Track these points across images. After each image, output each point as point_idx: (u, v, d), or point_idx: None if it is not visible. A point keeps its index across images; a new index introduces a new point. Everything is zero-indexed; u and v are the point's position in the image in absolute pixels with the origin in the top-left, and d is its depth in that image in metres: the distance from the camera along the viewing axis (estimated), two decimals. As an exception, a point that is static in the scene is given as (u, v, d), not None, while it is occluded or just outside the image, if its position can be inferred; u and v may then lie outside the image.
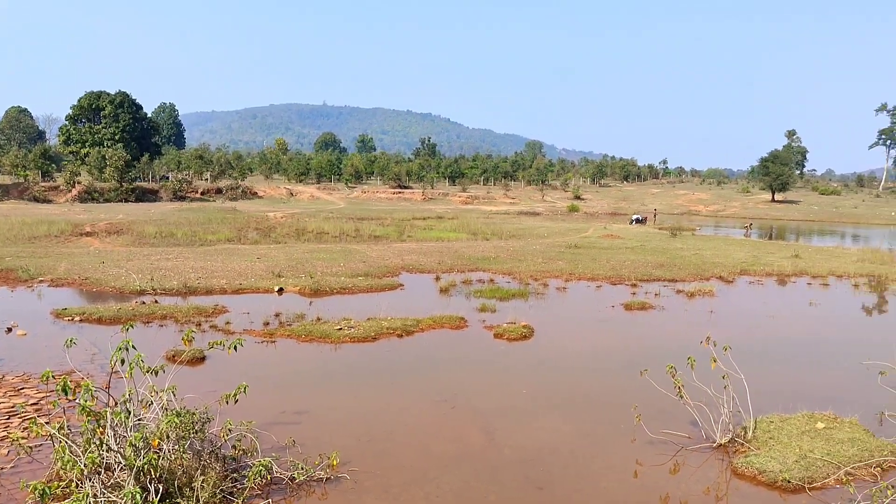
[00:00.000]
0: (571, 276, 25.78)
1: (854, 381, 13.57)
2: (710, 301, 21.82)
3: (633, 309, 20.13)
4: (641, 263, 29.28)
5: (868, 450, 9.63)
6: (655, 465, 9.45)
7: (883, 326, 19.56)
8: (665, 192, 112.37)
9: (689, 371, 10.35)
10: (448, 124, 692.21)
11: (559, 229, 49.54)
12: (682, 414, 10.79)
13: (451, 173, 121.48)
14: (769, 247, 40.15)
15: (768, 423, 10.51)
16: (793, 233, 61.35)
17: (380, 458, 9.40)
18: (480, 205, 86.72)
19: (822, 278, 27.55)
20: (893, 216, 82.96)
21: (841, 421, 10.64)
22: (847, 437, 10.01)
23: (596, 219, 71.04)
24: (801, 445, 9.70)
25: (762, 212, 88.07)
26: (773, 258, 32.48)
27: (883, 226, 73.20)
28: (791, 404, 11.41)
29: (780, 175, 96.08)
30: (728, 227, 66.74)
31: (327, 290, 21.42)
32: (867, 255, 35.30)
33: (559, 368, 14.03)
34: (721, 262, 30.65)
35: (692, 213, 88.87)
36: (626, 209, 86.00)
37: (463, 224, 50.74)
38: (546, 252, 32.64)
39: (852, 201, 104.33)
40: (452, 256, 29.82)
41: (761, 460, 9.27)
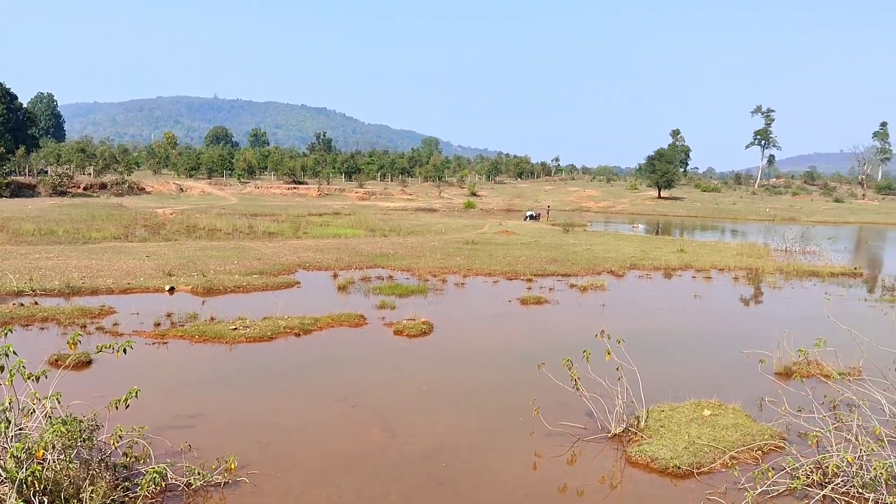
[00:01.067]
0: (469, 271, 26.04)
1: (736, 369, 14.29)
2: (602, 295, 22.51)
3: (529, 303, 20.52)
4: (536, 259, 29.90)
5: (750, 434, 10.17)
6: (553, 456, 9.66)
7: (760, 317, 20.68)
8: (557, 189, 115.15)
9: (585, 364, 10.64)
10: (344, 119, 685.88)
11: (456, 226, 49.96)
12: (578, 406, 11.08)
13: (348, 169, 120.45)
14: (656, 242, 41.82)
15: (659, 412, 10.94)
16: (678, 228, 64.07)
17: (279, 460, 9.21)
18: (378, 201, 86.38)
19: (705, 272, 28.93)
20: (768, 212, 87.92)
21: (725, 408, 11.19)
22: (731, 423, 10.53)
23: (492, 215, 72.05)
24: (690, 432, 10.14)
25: (649, 208, 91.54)
26: (660, 253, 33.86)
27: (758, 221, 77.41)
28: (680, 393, 11.92)
29: (665, 173, 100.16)
30: (617, 223, 69.02)
31: (221, 289, 20.82)
32: (745, 249, 37.28)
33: (459, 364, 14.13)
34: (611, 256, 31.68)
35: (583, 209, 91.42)
36: (521, 206, 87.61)
37: (360, 220, 50.38)
38: (444, 248, 32.85)
39: (731, 198, 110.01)
40: (350, 253, 29.57)
41: (653, 448, 9.63)
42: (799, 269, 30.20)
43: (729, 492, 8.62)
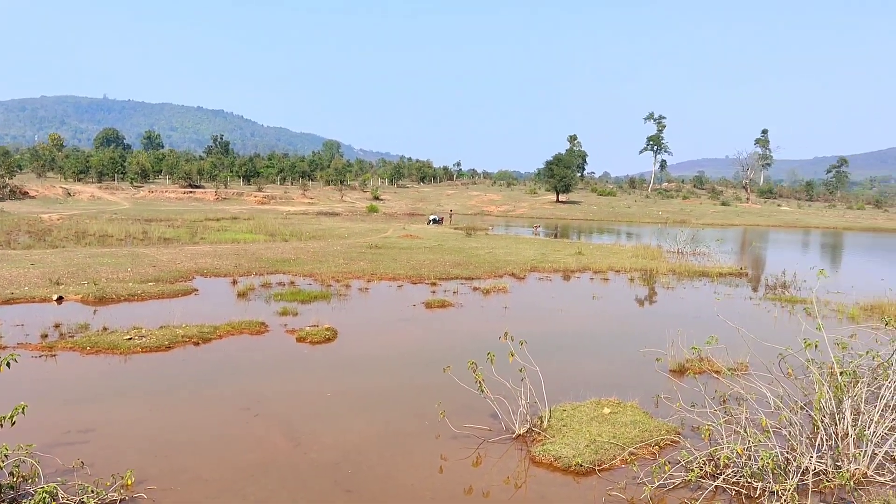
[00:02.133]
0: (373, 276, 25.94)
1: (634, 367, 14.77)
2: (505, 297, 22.85)
3: (434, 307, 20.62)
4: (440, 262, 30.08)
5: (648, 430, 10.54)
6: (459, 458, 9.73)
7: (655, 316, 21.45)
8: (460, 194, 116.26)
9: (489, 366, 10.78)
10: (242, 122, 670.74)
11: (359, 230, 49.68)
12: (483, 408, 11.20)
13: (246, 172, 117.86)
14: (555, 245, 42.80)
15: (561, 412, 11.19)
16: (576, 231, 65.76)
17: (179, 474, 8.91)
18: (278, 205, 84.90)
19: (602, 273, 29.81)
20: (660, 215, 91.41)
21: (624, 405, 11.56)
22: (630, 420, 10.88)
23: (395, 219, 72.04)
24: (591, 430, 10.42)
25: (548, 212, 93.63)
26: (560, 255, 34.69)
27: (652, 224, 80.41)
28: (581, 392, 12.24)
29: (563, 177, 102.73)
30: (518, 226, 70.23)
31: (114, 298, 19.98)
32: (640, 251, 38.65)
33: (364, 369, 14.05)
34: (513, 259, 32.23)
35: (485, 213, 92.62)
36: (424, 209, 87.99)
37: (260, 225, 49.41)
38: (347, 253, 32.61)
39: (626, 202, 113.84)
40: (250, 259, 28.94)
41: (556, 447, 9.84)
42: (690, 270, 31.55)
43: (629, 487, 8.90)
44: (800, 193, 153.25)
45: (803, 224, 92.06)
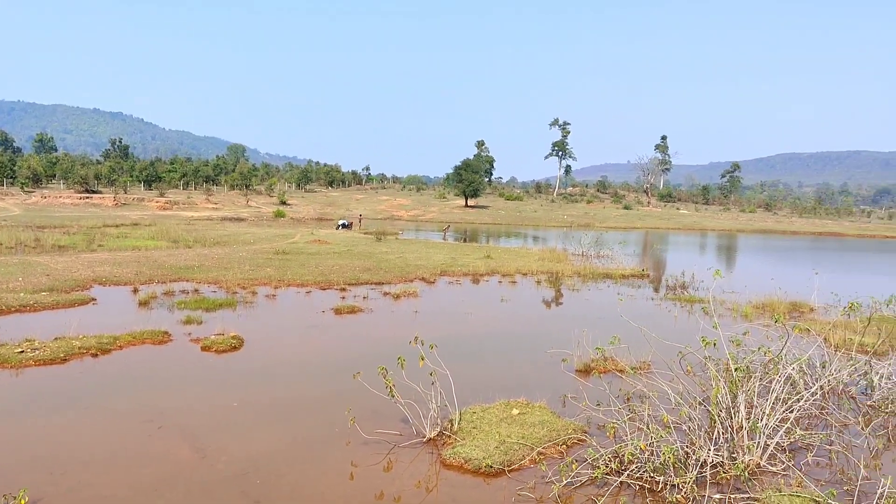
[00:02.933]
0: (281, 282, 25.52)
1: (542, 368, 15.03)
2: (415, 302, 22.90)
3: (343, 313, 20.45)
4: (349, 268, 29.87)
5: (556, 430, 10.76)
6: (370, 464, 9.68)
7: (562, 317, 21.91)
8: (369, 198, 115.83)
9: (400, 370, 10.77)
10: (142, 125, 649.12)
11: (266, 235, 48.78)
12: (394, 413, 11.19)
13: (147, 177, 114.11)
14: (465, 249, 43.17)
15: (472, 414, 11.29)
16: (484, 235, 66.50)
17: (77, 491, 8.53)
18: (181, 210, 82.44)
19: (510, 276, 30.27)
20: (566, 219, 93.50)
21: (532, 406, 11.76)
22: (538, 420, 11.08)
23: (303, 224, 71.12)
24: (500, 432, 10.55)
25: (457, 216, 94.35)
26: (469, 259, 35.00)
27: (557, 227, 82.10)
28: (490, 394, 12.38)
29: (471, 182, 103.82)
30: (428, 230, 70.49)
31: (3, 309, 18.94)
32: (546, 254, 39.42)
33: (272, 377, 13.80)
34: (423, 264, 32.32)
35: (394, 217, 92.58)
36: (332, 214, 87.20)
37: (162, 231, 47.80)
38: (253, 259, 31.97)
39: (533, 206, 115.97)
40: (152, 266, 27.99)
41: (466, 450, 9.92)
42: (594, 272, 32.39)
43: (538, 486, 9.06)
44: (697, 197, 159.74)
45: (700, 227, 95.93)
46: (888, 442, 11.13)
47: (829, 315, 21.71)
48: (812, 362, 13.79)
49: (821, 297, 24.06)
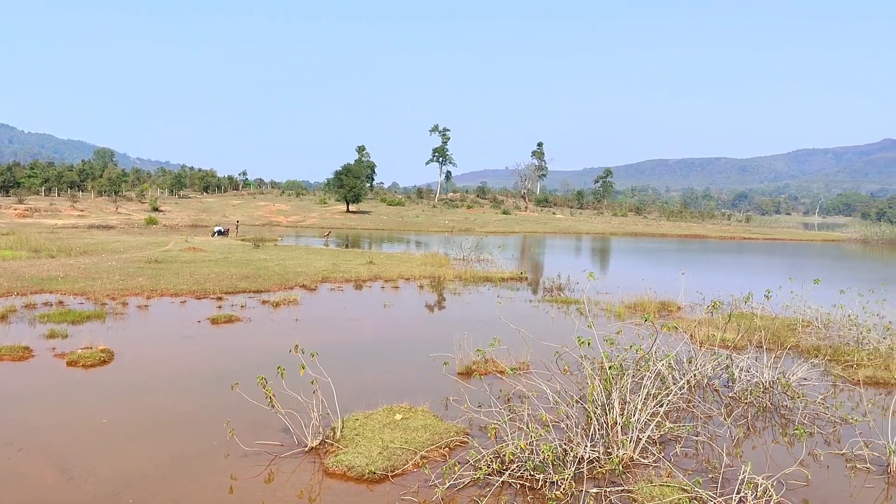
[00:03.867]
0: (153, 292, 24.48)
1: (424, 372, 15.10)
2: (296, 309, 22.52)
3: (220, 323, 19.86)
4: (226, 276, 29.03)
5: (438, 433, 10.83)
6: (250, 477, 9.44)
7: (444, 321, 22.12)
8: (246, 204, 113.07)
9: (280, 380, 10.56)
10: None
11: (137, 243, 46.70)
12: (275, 423, 10.96)
13: (5, 183, 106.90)
14: (347, 255, 42.85)
15: (354, 421, 11.21)
16: (367, 241, 66.24)
17: (-76, 524, 7.87)
18: (43, 218, 77.72)
19: (393, 282, 30.29)
20: (447, 224, 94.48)
21: (415, 410, 11.79)
22: (421, 425, 11.13)
23: (176, 231, 68.59)
24: (384, 437, 10.53)
25: (339, 222, 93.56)
26: (351, 265, 34.78)
27: (439, 233, 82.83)
28: (373, 400, 12.33)
29: (353, 187, 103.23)
30: (308, 236, 69.52)
31: None
32: (428, 259, 39.70)
33: (144, 391, 13.20)
34: (303, 270, 31.84)
35: (273, 224, 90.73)
36: (208, 221, 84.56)
37: (21, 240, 44.84)
38: (124, 268, 30.52)
39: (415, 211, 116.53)
40: (10, 278, 26.21)
41: (349, 457, 9.84)
42: (475, 276, 32.88)
43: (421, 490, 9.09)
44: (572, 202, 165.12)
45: (576, 230, 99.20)
46: (748, 430, 11.86)
47: (695, 313, 22.95)
48: (679, 358, 14.52)
49: (687, 297, 25.41)
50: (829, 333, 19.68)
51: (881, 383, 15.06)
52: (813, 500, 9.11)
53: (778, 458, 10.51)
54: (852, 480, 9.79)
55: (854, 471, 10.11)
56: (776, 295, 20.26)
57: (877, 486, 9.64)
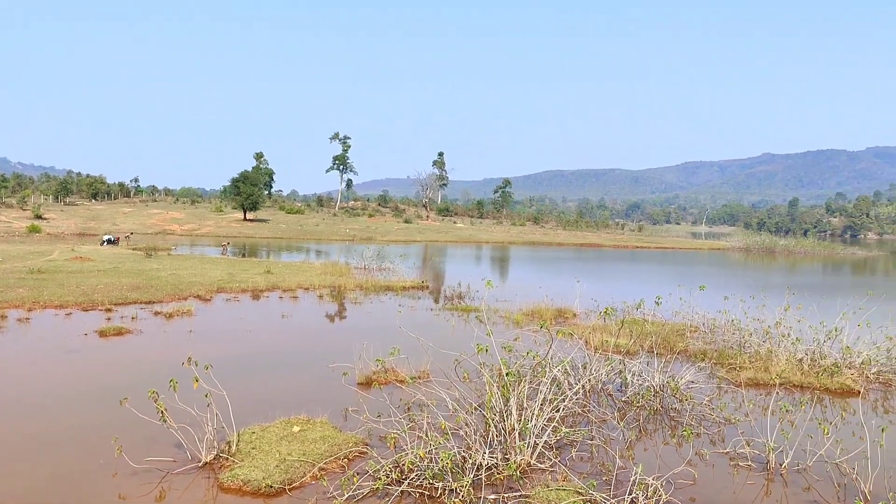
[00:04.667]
0: (35, 304, 23.22)
1: (323, 383, 14.92)
2: (190, 321, 21.84)
3: (109, 335, 19.03)
4: (116, 286, 27.86)
5: (337, 444, 10.72)
6: (141, 495, 9.07)
7: (344, 331, 21.94)
8: (138, 212, 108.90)
9: (173, 394, 10.21)
10: None
11: (18, 252, 44.21)
12: (167, 438, 10.59)
13: None
14: (244, 264, 41.88)
15: (250, 434, 10.95)
16: (265, 249, 64.95)
17: None
18: (-89, 226, 72.61)
19: (291, 291, 29.82)
20: (348, 232, 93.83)
21: (314, 422, 11.63)
22: (319, 436, 10.98)
23: (62, 240, 65.39)
24: (281, 450, 10.33)
25: (236, 230, 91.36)
26: (248, 275, 34.02)
27: (340, 241, 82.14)
28: (271, 413, 12.09)
29: (250, 195, 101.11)
30: (204, 245, 67.60)
31: None
32: (329, 268, 39.30)
33: (26, 409, 12.49)
34: (198, 281, 30.93)
35: (167, 232, 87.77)
36: (97, 229, 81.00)
37: None
38: (3, 279, 28.82)
39: (315, 220, 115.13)
40: None
41: (245, 471, 9.60)
42: (376, 285, 32.78)
43: (319, 502, 8.97)
44: (472, 211, 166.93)
45: (476, 239, 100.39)
46: (640, 433, 12.28)
47: (590, 319, 23.61)
48: (575, 364, 14.92)
49: (582, 304, 26.11)
50: (715, 338, 20.65)
51: (761, 384, 15.89)
52: (699, 497, 9.51)
53: (667, 458, 10.92)
54: (735, 477, 10.28)
55: (737, 468, 10.63)
56: (666, 301, 21.03)
57: (757, 482, 10.16)
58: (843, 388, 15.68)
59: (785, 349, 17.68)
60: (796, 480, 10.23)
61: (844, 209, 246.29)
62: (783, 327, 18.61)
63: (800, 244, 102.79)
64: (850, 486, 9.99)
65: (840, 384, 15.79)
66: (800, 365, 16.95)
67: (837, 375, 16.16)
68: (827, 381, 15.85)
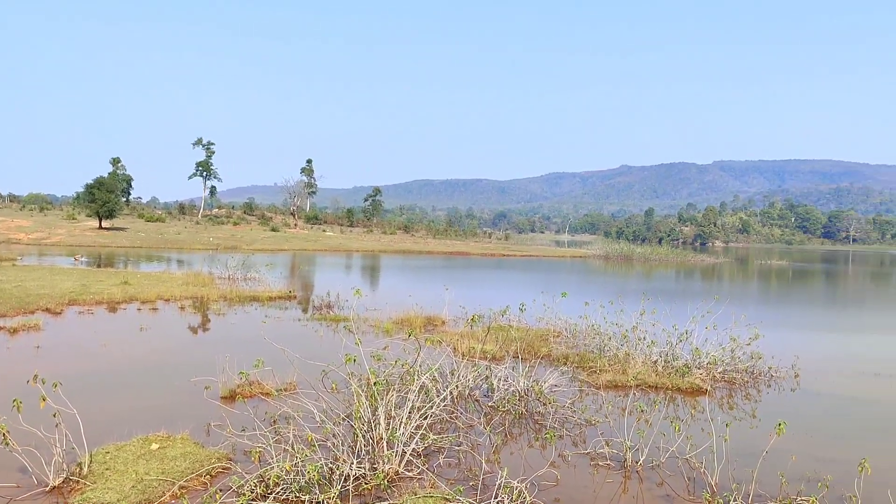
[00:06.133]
0: None
1: (185, 398, 14.35)
2: (37, 335, 20.45)
3: (-56, 353, 17.52)
4: (-48, 300, 25.71)
5: (199, 461, 10.34)
6: (-21, 526, 8.41)
7: (207, 343, 21.20)
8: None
9: (16, 414, 9.53)
10: None
11: None
12: (10, 462, 9.87)
13: None
14: (99, 274, 39.66)
15: (104, 454, 10.37)
16: (122, 259, 61.81)
17: None
18: None
19: (151, 303, 28.53)
20: (211, 241, 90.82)
21: (174, 438, 11.17)
22: (180, 453, 10.56)
23: None
24: (138, 470, 9.85)
25: (90, 239, 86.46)
26: (103, 286, 32.25)
27: (203, 250, 79.31)
28: (127, 431, 11.50)
29: (106, 202, 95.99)
30: (54, 255, 63.54)
31: None
32: (191, 278, 37.84)
33: None
34: (47, 293, 29.02)
35: (12, 241, 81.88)
36: (-70, 238, 74.51)
37: None
38: None
39: (176, 228, 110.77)
40: None
41: (98, 494, 9.09)
42: (241, 296, 31.89)
43: (179, 522, 8.62)
44: (342, 220, 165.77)
45: (346, 248, 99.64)
46: (506, 437, 12.56)
47: (458, 326, 23.95)
48: (443, 370, 15.08)
49: (451, 311, 26.46)
50: (577, 342, 21.45)
51: (619, 386, 16.64)
52: (562, 497, 9.84)
53: (532, 461, 11.23)
54: (595, 477, 10.70)
55: (597, 468, 11.07)
56: (531, 308, 21.70)
57: (615, 479, 10.62)
58: (693, 388, 16.67)
59: (641, 352, 18.62)
60: (651, 476, 10.77)
61: (694, 219, 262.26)
62: (639, 331, 19.57)
63: (655, 252, 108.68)
64: (698, 480, 10.63)
65: (690, 384, 16.79)
66: (654, 367, 17.89)
67: (688, 376, 17.16)
68: (679, 382, 16.81)
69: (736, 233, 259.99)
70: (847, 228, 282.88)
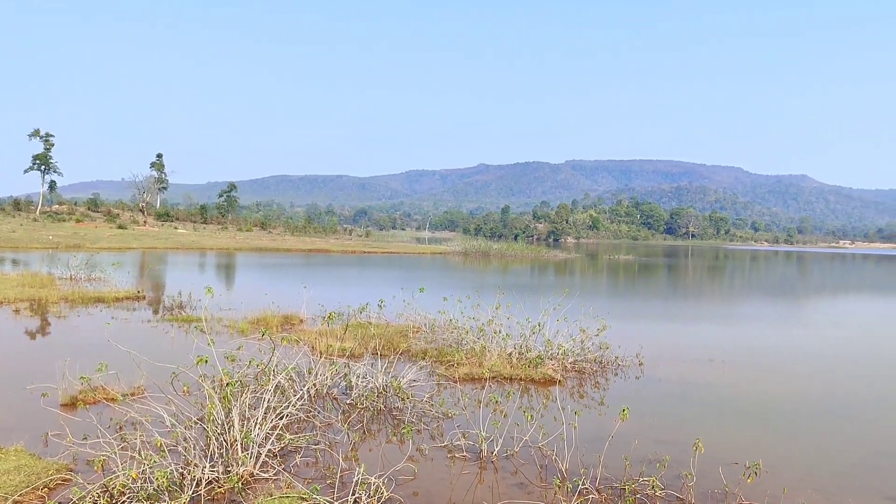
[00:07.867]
0: None
1: (20, 407, 13.39)
2: None
3: None
4: None
5: (35, 473, 9.69)
6: None
7: (46, 348, 19.87)
8: None
9: None
10: None
11: None
12: None
13: None
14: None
15: (-75, 472, 9.52)
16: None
17: None
18: None
19: (-19, 306, 26.39)
20: (51, 239, 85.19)
21: (6, 451, 10.41)
22: (13, 466, 9.85)
23: None
24: (-35, 487, 9.12)
25: None
26: (-75, 289, 29.52)
27: (42, 249, 74.25)
28: (-49, 445, 10.60)
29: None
30: None
31: None
32: (27, 279, 35.35)
33: None
34: None
35: None
36: None
37: None
38: None
39: (11, 226, 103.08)
40: None
41: (-82, 515, 8.35)
42: (85, 297, 30.11)
43: (12, 540, 8.05)
44: (195, 216, 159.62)
45: (199, 246, 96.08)
46: (364, 434, 12.56)
47: (317, 325, 23.68)
48: (300, 369, 14.89)
49: (310, 310, 26.12)
50: (435, 337, 21.73)
51: (476, 379, 17.02)
52: (420, 491, 9.95)
53: (391, 456, 11.29)
54: (452, 469, 10.90)
55: (454, 460, 11.28)
56: (390, 304, 21.77)
57: (472, 471, 10.86)
58: (546, 378, 17.31)
59: (496, 345, 19.12)
60: (506, 466, 11.10)
61: (548, 216, 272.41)
62: (495, 324, 20.08)
63: (511, 248, 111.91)
64: (550, 467, 11.05)
65: (543, 374, 17.42)
66: (509, 359, 18.43)
67: (541, 366, 17.79)
68: (532, 373, 17.41)
69: (587, 229, 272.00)
70: (687, 225, 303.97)
